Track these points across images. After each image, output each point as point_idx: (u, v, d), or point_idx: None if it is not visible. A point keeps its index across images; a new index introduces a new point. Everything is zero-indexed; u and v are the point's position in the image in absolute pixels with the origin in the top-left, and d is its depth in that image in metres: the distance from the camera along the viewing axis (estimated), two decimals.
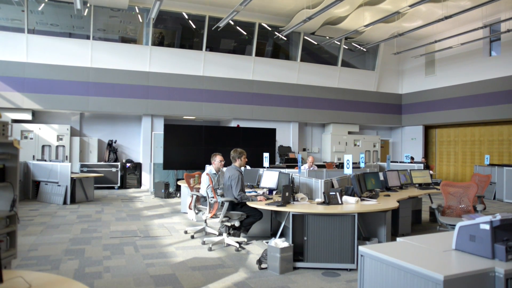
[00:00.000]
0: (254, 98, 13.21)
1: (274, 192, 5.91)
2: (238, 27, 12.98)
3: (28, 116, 11.05)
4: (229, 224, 5.21)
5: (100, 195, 10.30)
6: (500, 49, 12.75)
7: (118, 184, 11.72)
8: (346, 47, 14.78)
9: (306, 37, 13.87)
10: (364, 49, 15.11)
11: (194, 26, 12.74)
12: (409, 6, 9.63)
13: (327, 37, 13.75)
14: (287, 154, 13.10)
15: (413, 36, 13.88)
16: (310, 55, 14.42)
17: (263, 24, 13.13)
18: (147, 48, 11.96)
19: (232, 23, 12.44)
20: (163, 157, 10.31)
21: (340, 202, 4.68)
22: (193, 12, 12.26)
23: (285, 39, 13.84)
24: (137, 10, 12.07)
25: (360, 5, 11.56)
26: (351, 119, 14.83)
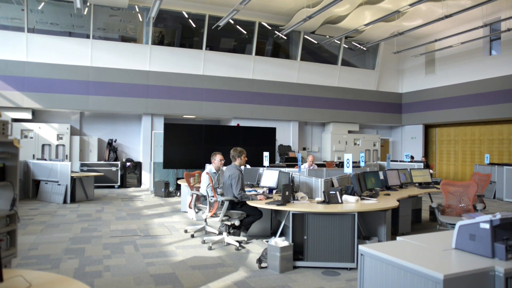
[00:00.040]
0: (254, 97, 13.20)
1: (274, 191, 5.91)
2: (238, 26, 12.97)
3: (28, 115, 11.05)
4: (229, 223, 5.22)
5: (100, 194, 10.30)
6: (500, 48, 12.73)
7: (118, 183, 11.72)
8: (346, 46, 14.77)
9: (306, 36, 13.86)
10: (364, 48, 15.10)
11: (194, 25, 12.73)
12: (409, 5, 9.62)
13: (327, 36, 13.74)
14: (287, 153, 13.10)
15: (413, 35, 13.86)
16: (310, 54, 14.40)
17: (263, 23, 13.12)
18: (147, 47, 11.96)
19: (232, 22, 12.43)
20: (163, 156, 10.31)
21: (340, 201, 4.68)
22: (193, 11, 12.25)
23: (285, 38, 13.84)
24: (137, 9, 12.06)
25: (360, 4, 11.54)
26: (351, 118, 14.83)
